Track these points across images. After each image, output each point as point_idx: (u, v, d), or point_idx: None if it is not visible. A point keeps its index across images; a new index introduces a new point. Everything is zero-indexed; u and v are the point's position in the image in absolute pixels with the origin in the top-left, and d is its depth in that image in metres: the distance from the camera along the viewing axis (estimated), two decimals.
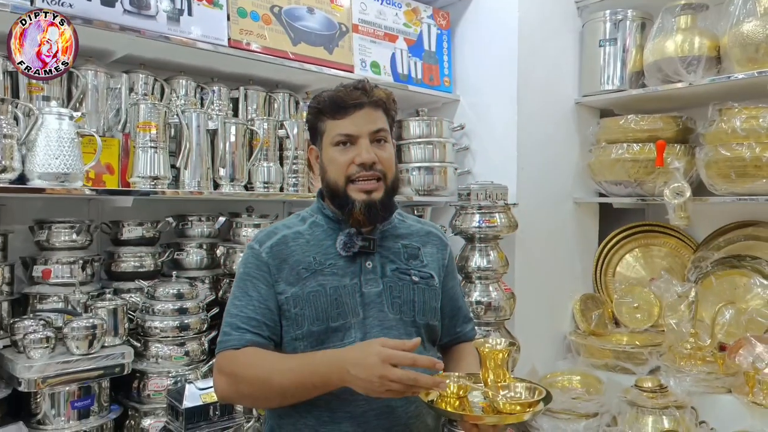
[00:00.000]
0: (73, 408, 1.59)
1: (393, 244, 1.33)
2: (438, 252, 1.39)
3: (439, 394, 1.11)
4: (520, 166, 2.43)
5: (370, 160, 1.22)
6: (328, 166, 1.26)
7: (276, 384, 1.14)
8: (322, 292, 1.23)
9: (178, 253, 2.06)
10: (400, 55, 2.45)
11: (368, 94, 1.24)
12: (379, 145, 1.25)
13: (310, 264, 1.25)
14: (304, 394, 1.14)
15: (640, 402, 1.98)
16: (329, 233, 1.29)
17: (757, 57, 2.09)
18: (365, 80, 1.27)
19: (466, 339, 1.45)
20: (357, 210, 1.22)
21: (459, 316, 1.44)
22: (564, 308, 2.65)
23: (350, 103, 1.23)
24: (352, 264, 1.27)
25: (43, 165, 1.55)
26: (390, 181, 1.26)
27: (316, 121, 1.29)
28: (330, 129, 1.25)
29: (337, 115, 1.23)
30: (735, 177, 2.12)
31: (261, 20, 2.03)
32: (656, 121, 2.39)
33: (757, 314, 2.19)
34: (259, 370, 1.16)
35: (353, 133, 1.23)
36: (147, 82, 1.95)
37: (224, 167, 1.97)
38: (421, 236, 1.39)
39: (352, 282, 1.25)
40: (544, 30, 2.53)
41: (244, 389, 1.17)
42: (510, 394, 1.09)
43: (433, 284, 1.34)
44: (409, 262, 1.32)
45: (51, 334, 1.57)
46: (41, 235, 1.77)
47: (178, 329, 1.79)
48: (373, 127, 1.24)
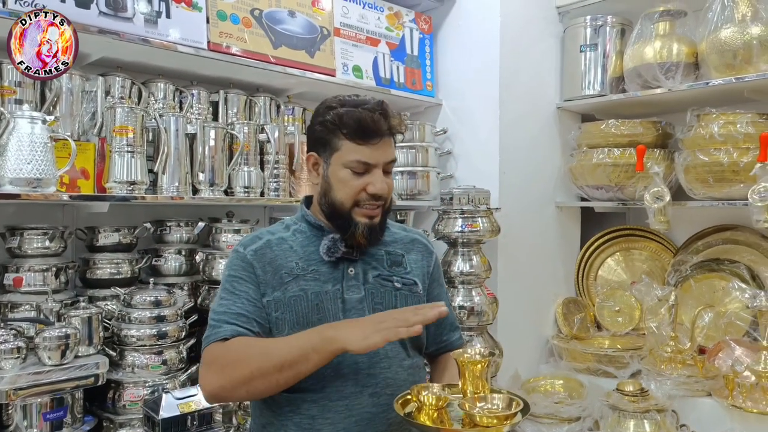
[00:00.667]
0: (45, 420, 1.55)
1: (376, 251, 1.33)
2: (423, 259, 1.39)
3: (417, 406, 1.10)
4: (502, 171, 2.44)
5: (383, 192, 1.24)
6: (336, 185, 1.25)
7: (275, 356, 1.10)
8: (303, 297, 1.23)
9: (156, 259, 2.02)
10: (382, 59, 2.44)
11: (390, 123, 1.25)
12: (387, 175, 1.27)
13: (292, 269, 1.25)
14: (302, 363, 1.09)
15: (621, 406, 1.98)
16: (312, 239, 1.30)
17: (734, 63, 2.12)
18: (383, 103, 1.26)
19: (453, 348, 1.43)
20: (359, 233, 1.25)
21: (445, 324, 1.43)
22: (546, 312, 2.66)
23: (375, 131, 1.22)
24: (335, 270, 1.27)
25: (14, 170, 1.51)
26: (387, 205, 1.30)
27: (331, 136, 1.25)
28: (347, 151, 1.23)
29: (358, 139, 1.22)
30: (713, 182, 2.14)
31: (241, 23, 2.01)
32: (636, 126, 2.42)
33: (735, 317, 2.22)
34: (254, 349, 1.13)
35: (371, 162, 1.24)
36: (124, 85, 1.91)
37: (203, 172, 1.94)
38: (406, 243, 1.39)
39: (334, 288, 1.25)
40: (526, 35, 2.54)
41: (238, 373, 1.11)
42: (487, 405, 1.08)
43: (417, 291, 1.33)
44: (392, 269, 1.32)
45: (22, 344, 1.53)
46: (13, 242, 1.72)
47: (156, 337, 1.75)
48: (388, 159, 1.26)
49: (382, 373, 1.23)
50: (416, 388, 1.12)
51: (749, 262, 2.31)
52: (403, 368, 1.28)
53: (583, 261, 2.76)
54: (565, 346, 2.49)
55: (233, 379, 1.11)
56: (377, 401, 1.22)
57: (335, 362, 1.19)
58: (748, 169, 2.02)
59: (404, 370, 1.28)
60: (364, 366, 1.22)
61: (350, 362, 1.21)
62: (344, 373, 1.21)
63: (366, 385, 1.21)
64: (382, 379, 1.23)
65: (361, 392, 1.21)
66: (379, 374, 1.23)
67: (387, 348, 1.24)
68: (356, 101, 1.26)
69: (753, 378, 1.91)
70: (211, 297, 1.99)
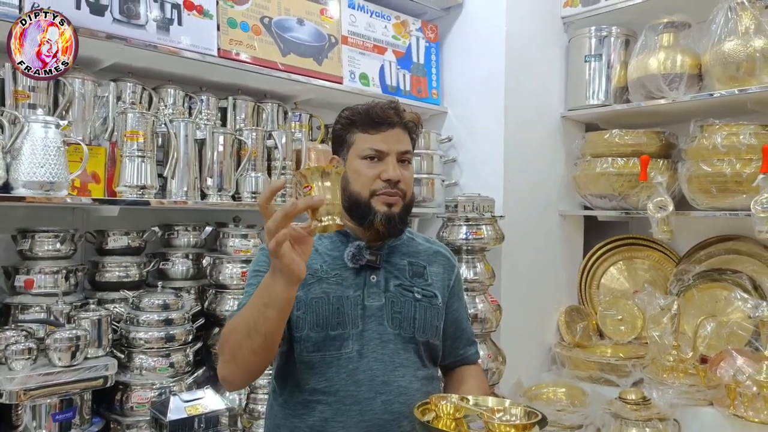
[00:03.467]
0: (54, 420, 1.56)
1: (399, 261, 1.35)
2: (444, 272, 1.41)
3: (435, 414, 1.11)
4: (506, 179, 2.45)
5: (396, 178, 1.26)
6: (353, 177, 1.28)
7: (241, 325, 1.10)
8: (324, 300, 1.25)
9: (163, 263, 2.04)
10: (388, 67, 2.47)
11: (400, 114, 1.30)
12: (404, 166, 1.30)
13: (316, 271, 1.27)
14: (263, 321, 1.07)
15: (623, 414, 1.99)
16: (337, 244, 1.32)
17: (737, 75, 2.14)
18: (396, 101, 1.33)
19: (469, 362, 1.46)
20: (378, 221, 1.26)
21: (462, 338, 1.45)
22: (549, 320, 2.67)
23: (385, 120, 1.27)
24: (357, 276, 1.29)
25: (27, 173, 1.53)
26: (408, 198, 1.31)
27: (346, 132, 1.31)
28: (360, 142, 1.28)
29: (370, 129, 1.27)
30: (716, 192, 2.16)
31: (251, 30, 2.04)
32: (640, 136, 2.44)
33: (737, 327, 2.23)
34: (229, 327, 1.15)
35: (383, 150, 1.27)
36: (135, 90, 1.94)
37: (212, 177, 1.97)
38: (429, 255, 1.41)
39: (355, 294, 1.27)
40: (532, 44, 2.57)
41: (226, 354, 1.14)
42: (506, 417, 1.09)
43: (436, 303, 1.35)
44: (413, 280, 1.34)
45: (33, 346, 1.54)
46: (24, 244, 1.75)
47: (163, 340, 1.77)
48: (402, 148, 1.29)
49: (396, 381, 1.25)
50: (435, 398, 1.13)
51: (751, 272, 2.32)
52: (417, 378, 1.29)
53: (586, 269, 2.78)
54: (567, 354, 2.50)
55: (225, 361, 1.15)
56: (389, 408, 1.23)
57: (351, 367, 1.22)
58: (751, 180, 2.04)
59: (418, 380, 1.29)
60: (380, 373, 1.24)
61: (366, 368, 1.23)
62: (359, 378, 1.23)
63: (380, 392, 1.23)
64: (396, 387, 1.25)
65: (375, 398, 1.22)
66: (394, 382, 1.25)
67: (403, 357, 1.27)
68: (370, 102, 1.32)
69: (755, 388, 1.92)
70: (217, 301, 2.01)
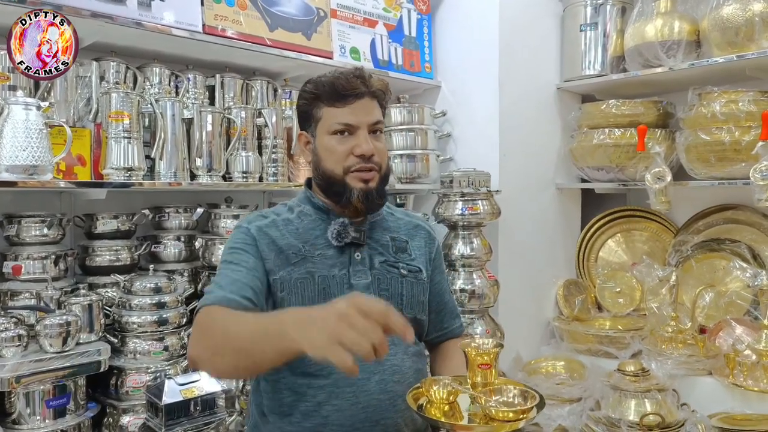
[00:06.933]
0: (48, 407, 1.55)
1: (381, 236, 1.31)
2: (426, 246, 1.38)
3: (428, 399, 1.09)
4: (502, 153, 2.42)
5: (370, 152, 1.21)
6: (324, 154, 1.24)
7: (233, 333, 1.01)
8: (310, 280, 1.21)
9: (155, 245, 2.01)
10: (379, 40, 2.41)
11: (367, 83, 1.23)
12: (375, 137, 1.25)
13: (299, 250, 1.23)
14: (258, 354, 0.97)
15: (622, 386, 1.99)
16: (318, 223, 1.28)
17: (736, 41, 2.09)
18: (362, 68, 1.26)
19: (454, 335, 1.44)
20: (356, 198, 1.21)
21: (446, 311, 1.42)
22: (547, 294, 2.66)
23: (351, 91, 1.21)
24: (342, 255, 1.25)
25: (10, 157, 1.49)
26: (383, 171, 1.26)
27: (311, 107, 1.26)
28: (327, 116, 1.23)
29: (337, 102, 1.21)
30: (714, 161, 2.13)
31: (236, 5, 1.98)
32: (637, 106, 2.39)
33: (736, 297, 2.22)
34: (220, 321, 1.05)
35: (353, 123, 1.21)
36: (119, 70, 1.88)
37: (201, 157, 1.93)
38: (409, 229, 1.38)
39: (341, 273, 1.24)
40: (526, 14, 2.51)
41: (205, 344, 1.05)
42: (502, 398, 1.06)
43: (421, 278, 1.32)
44: (398, 255, 1.31)
45: (23, 332, 1.52)
46: (11, 230, 1.71)
47: (157, 324, 1.75)
48: (372, 119, 1.23)
49: (388, 359, 1.22)
50: (427, 382, 1.10)
51: (750, 241, 2.30)
52: (408, 355, 1.27)
53: (584, 242, 2.76)
54: (566, 328, 2.50)
55: (204, 348, 1.06)
56: (384, 388, 1.21)
57: None
58: (750, 148, 2.00)
59: (409, 357, 1.27)
60: None
61: None
62: None
63: (374, 372, 1.20)
64: (389, 366, 1.22)
65: (369, 379, 1.20)
66: (386, 360, 1.22)
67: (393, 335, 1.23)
68: (333, 72, 1.25)
69: (754, 357, 1.91)
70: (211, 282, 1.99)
